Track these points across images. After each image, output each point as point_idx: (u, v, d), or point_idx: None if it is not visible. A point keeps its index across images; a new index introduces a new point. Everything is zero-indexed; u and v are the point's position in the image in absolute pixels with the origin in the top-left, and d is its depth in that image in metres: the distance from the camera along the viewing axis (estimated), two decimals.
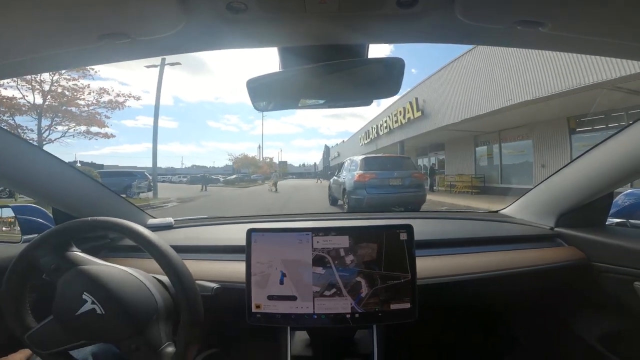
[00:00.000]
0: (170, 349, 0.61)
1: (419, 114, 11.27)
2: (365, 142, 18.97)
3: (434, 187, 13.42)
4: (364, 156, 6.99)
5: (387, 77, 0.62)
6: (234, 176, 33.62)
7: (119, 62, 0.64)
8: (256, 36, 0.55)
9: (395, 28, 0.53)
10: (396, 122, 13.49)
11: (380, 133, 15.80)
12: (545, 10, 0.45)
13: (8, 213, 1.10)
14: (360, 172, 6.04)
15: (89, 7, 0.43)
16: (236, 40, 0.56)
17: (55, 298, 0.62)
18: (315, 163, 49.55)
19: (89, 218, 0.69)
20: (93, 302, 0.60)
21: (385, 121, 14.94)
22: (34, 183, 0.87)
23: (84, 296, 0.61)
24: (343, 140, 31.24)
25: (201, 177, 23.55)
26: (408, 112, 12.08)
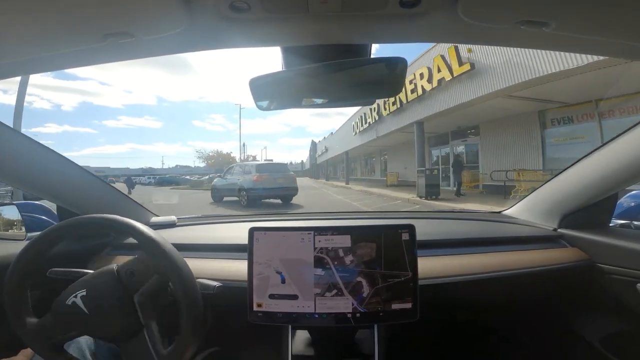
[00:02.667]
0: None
1: (465, 68, 6.95)
2: (361, 129, 14.65)
3: (461, 192, 8.82)
4: (257, 163, 10.29)
5: (390, 76, 0.62)
6: (207, 176, 29.49)
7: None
8: (259, 36, 0.55)
9: (397, 28, 0.53)
10: (413, 91, 8.84)
11: (384, 114, 11.41)
12: (549, 10, 0.45)
13: (12, 211, 1.11)
14: (257, 174, 8.48)
15: (94, 7, 0.43)
16: (239, 39, 0.56)
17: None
18: (302, 161, 48.52)
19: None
20: (75, 296, 0.64)
21: None
22: (38, 180, 0.88)
23: (71, 298, 0.65)
24: (331, 133, 25.77)
25: (127, 178, 20.46)
26: (439, 71, 7.74)
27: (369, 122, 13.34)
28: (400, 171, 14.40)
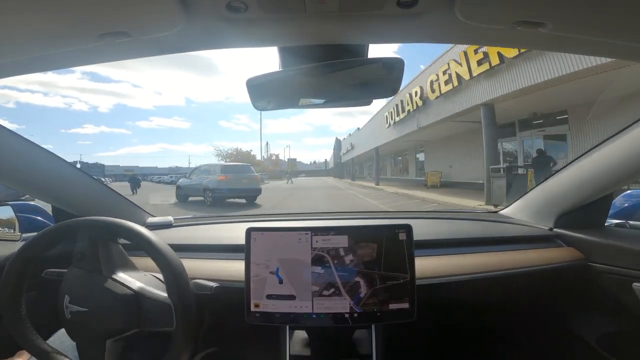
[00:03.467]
0: None
1: None
2: (396, 119, 11.92)
3: None
4: (222, 164, 10.39)
5: (387, 76, 0.62)
6: None
7: (129, 66, 0.65)
8: (256, 36, 0.55)
9: (395, 28, 0.53)
10: (481, 63, 6.47)
11: (431, 97, 8.83)
12: (546, 11, 0.45)
13: (7, 211, 1.10)
14: (223, 175, 8.78)
15: (89, 6, 0.43)
16: (236, 39, 0.56)
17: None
18: (326, 160, 48.82)
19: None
20: (69, 303, 0.65)
21: (446, 70, 7.61)
22: (34, 181, 0.87)
23: (65, 303, 0.65)
24: (358, 129, 23.29)
25: (131, 177, 16.54)
26: None
27: (408, 111, 10.41)
28: (443, 170, 12.26)
